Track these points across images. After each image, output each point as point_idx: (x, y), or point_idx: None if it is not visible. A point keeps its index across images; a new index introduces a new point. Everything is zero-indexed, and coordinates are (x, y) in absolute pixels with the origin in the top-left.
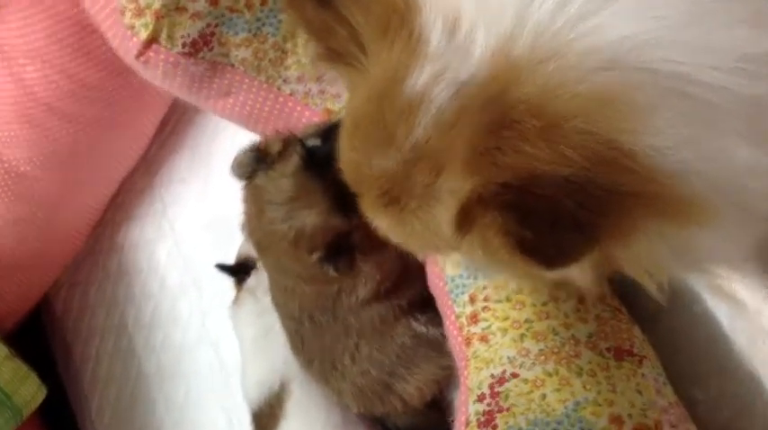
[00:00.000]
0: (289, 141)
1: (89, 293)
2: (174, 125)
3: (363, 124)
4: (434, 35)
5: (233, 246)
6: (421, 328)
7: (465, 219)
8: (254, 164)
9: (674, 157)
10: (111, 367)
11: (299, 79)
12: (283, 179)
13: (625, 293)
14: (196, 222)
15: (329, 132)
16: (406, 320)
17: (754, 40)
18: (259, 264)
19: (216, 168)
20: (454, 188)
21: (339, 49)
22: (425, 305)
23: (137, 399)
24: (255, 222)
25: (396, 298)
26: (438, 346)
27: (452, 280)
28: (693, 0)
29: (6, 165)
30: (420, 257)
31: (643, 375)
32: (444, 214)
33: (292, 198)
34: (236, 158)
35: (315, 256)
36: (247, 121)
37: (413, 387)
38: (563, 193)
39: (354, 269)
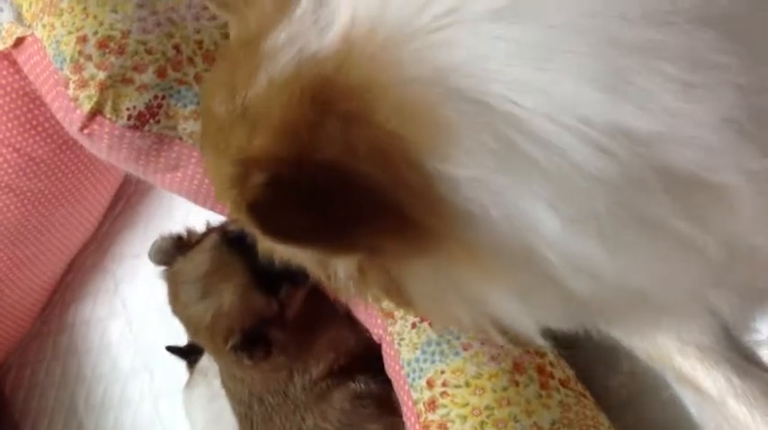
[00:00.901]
0: (210, 229)
1: (39, 373)
2: (127, 200)
3: (223, 67)
4: (305, 1)
5: None
6: (361, 387)
7: (240, 176)
8: (173, 250)
9: (467, 194)
10: None
11: None
12: (200, 255)
13: (591, 378)
14: (149, 301)
15: None
16: (343, 384)
17: (599, 105)
18: None
19: None
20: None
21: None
22: (366, 363)
23: None
24: (174, 310)
25: (349, 374)
26: (381, 403)
27: (409, 363)
28: (550, 41)
29: None
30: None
31: None
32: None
33: (209, 272)
34: (154, 243)
35: (230, 343)
36: (196, 196)
37: None
38: (332, 181)
39: (269, 361)
